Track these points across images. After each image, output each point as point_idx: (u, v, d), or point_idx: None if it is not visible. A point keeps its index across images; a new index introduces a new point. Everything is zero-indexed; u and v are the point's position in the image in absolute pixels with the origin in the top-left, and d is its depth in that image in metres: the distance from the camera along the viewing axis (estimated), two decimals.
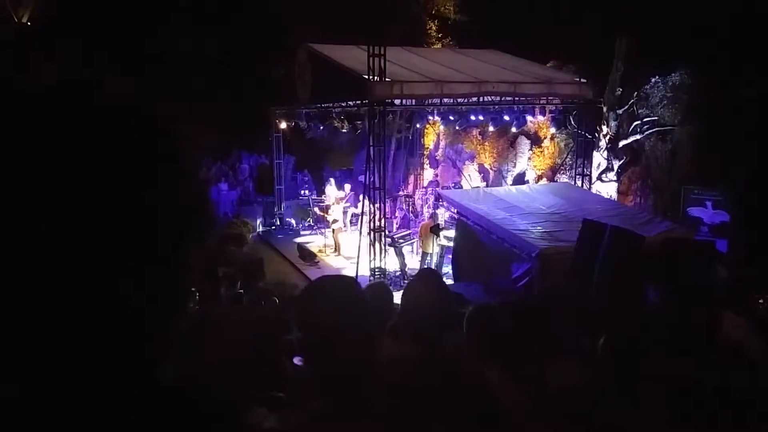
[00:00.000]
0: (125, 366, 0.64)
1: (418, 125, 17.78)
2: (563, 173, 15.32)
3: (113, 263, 0.61)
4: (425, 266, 11.73)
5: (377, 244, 12.04)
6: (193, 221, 0.69)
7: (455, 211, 11.67)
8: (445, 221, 12.75)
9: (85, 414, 0.61)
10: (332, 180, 17.25)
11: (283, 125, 17.93)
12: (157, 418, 0.67)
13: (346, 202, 16.41)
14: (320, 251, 15.43)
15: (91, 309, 0.60)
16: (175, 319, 0.71)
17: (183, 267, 0.70)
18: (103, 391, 0.62)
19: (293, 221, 18.75)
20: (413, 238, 13.95)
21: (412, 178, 19.92)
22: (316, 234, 17.05)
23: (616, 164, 13.97)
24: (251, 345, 3.17)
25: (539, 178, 15.88)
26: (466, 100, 13.53)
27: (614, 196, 13.75)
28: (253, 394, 1.28)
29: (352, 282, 1.78)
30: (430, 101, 13.60)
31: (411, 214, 16.50)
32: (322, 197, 17.63)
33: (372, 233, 12.10)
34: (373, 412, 1.40)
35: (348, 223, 16.45)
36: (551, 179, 15.37)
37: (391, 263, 12.65)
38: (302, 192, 19.60)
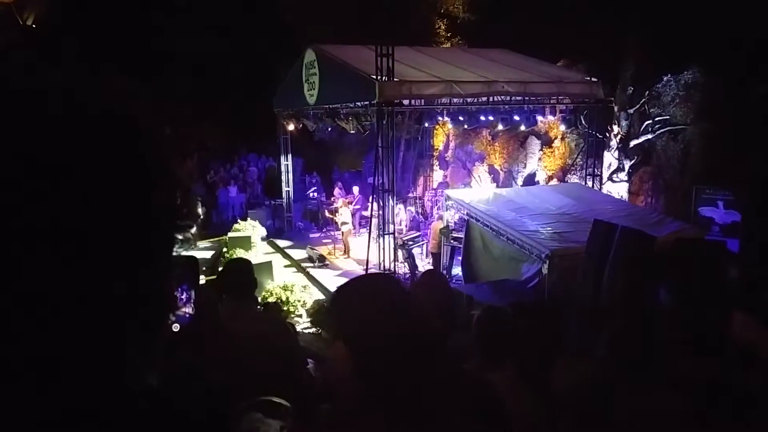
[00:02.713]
0: (110, 373, 0.61)
1: (426, 124, 17.73)
2: (574, 173, 15.22)
3: (104, 263, 0.58)
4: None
5: (387, 247, 12.01)
6: (172, 222, 0.67)
7: (465, 212, 11.62)
8: (455, 222, 12.69)
9: (67, 425, 0.58)
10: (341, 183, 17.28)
11: (291, 127, 17.86)
12: (140, 429, 0.64)
13: (355, 204, 16.40)
14: (329, 253, 15.41)
15: (81, 311, 0.57)
16: (161, 323, 0.68)
17: (167, 269, 0.67)
18: (85, 401, 0.59)
19: (302, 224, 18.77)
20: (423, 240, 13.90)
21: (421, 180, 19.88)
22: (325, 236, 17.05)
23: (627, 164, 13.88)
24: (257, 347, 3.14)
25: (550, 178, 15.79)
26: (475, 100, 13.46)
27: (625, 196, 13.66)
28: (251, 399, 1.24)
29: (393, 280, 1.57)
30: (439, 101, 13.52)
31: (420, 216, 16.45)
32: (332, 199, 17.62)
33: (381, 235, 12.07)
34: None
35: (357, 225, 16.43)
36: (562, 180, 15.28)
37: (401, 265, 12.61)
38: (310, 194, 19.59)
